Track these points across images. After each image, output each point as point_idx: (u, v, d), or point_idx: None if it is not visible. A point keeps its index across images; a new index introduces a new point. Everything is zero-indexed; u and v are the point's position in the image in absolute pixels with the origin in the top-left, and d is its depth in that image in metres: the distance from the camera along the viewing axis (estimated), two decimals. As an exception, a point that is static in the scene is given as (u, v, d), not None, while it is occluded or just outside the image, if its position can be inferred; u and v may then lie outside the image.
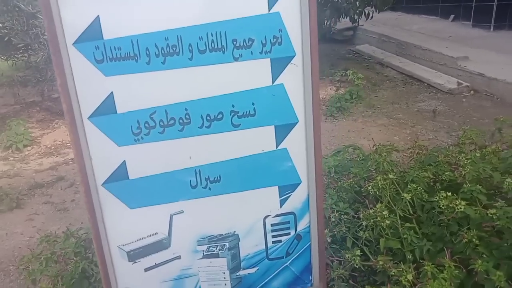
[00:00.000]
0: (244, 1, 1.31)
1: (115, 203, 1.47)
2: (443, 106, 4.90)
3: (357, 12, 6.40)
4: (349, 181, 2.32)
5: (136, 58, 1.32)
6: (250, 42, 1.34)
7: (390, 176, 2.01)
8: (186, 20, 1.31)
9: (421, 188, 1.97)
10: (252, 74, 1.37)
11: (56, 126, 5.27)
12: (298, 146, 1.47)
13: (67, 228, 2.28)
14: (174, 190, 1.48)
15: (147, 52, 1.32)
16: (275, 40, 1.34)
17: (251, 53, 1.35)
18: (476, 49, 6.02)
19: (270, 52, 1.35)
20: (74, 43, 1.30)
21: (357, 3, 6.34)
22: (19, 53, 5.22)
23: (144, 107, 1.38)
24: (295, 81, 1.40)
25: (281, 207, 1.53)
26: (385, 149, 2.36)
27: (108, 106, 1.36)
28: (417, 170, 2.22)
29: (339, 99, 5.15)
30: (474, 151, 2.35)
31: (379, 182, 1.99)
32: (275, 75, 1.38)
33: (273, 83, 1.39)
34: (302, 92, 1.41)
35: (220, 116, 1.40)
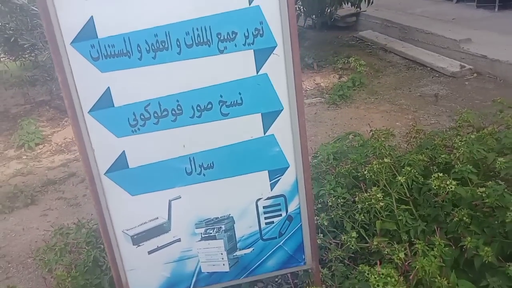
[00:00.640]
0: (226, -5, 1.39)
1: (117, 190, 1.58)
2: (446, 90, 4.89)
3: (358, -3, 6.39)
4: (346, 166, 2.36)
5: (128, 54, 1.42)
6: (234, 35, 1.42)
7: (386, 160, 2.05)
8: (173, 16, 1.40)
9: (416, 171, 2.00)
10: (237, 65, 1.46)
11: (66, 124, 5.39)
12: (284, 131, 1.55)
13: (78, 220, 2.41)
14: (171, 177, 1.58)
15: (139, 48, 1.42)
16: (257, 32, 1.43)
17: (235, 45, 1.43)
18: (479, 30, 5.96)
19: (253, 44, 1.44)
20: (71, 42, 1.40)
21: (358, -12, 6.33)
22: (26, 53, 5.32)
23: (139, 100, 1.48)
24: (278, 70, 1.48)
25: (271, 190, 1.63)
26: (382, 134, 2.40)
27: (106, 100, 1.47)
28: (413, 154, 2.26)
29: (341, 86, 5.17)
30: (471, 133, 2.37)
31: (375, 166, 2.04)
32: (259, 65, 1.46)
33: (257, 73, 1.47)
34: (285, 81, 1.49)
35: (210, 106, 1.50)
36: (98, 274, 2.10)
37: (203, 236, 1.69)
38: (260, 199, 1.64)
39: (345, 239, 1.89)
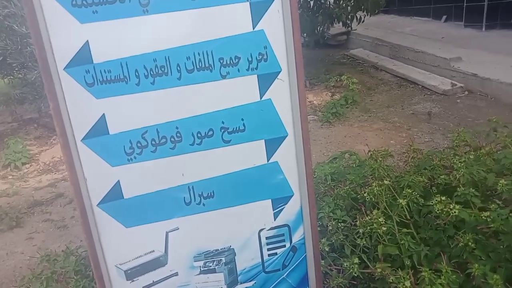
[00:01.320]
0: (229, 20, 1.34)
1: (111, 222, 1.49)
2: (438, 108, 4.92)
3: (349, 17, 6.45)
4: (345, 188, 2.32)
5: (126, 80, 1.35)
6: (237, 60, 1.36)
7: (386, 182, 2.02)
8: (173, 41, 1.34)
9: (417, 193, 1.97)
10: (240, 90, 1.40)
11: (54, 142, 5.28)
12: (288, 158, 1.49)
13: (66, 247, 2.30)
14: (169, 208, 1.49)
15: (137, 73, 1.35)
16: (261, 57, 1.37)
17: (238, 70, 1.38)
18: (468, 49, 6.05)
19: (256, 69, 1.38)
20: (65, 68, 1.33)
21: (349, 8, 6.39)
22: (15, 71, 5.25)
23: (135, 127, 1.40)
24: (282, 95, 1.42)
25: (275, 220, 1.55)
26: (380, 154, 2.38)
27: (100, 128, 1.39)
28: (412, 174, 2.24)
29: (334, 104, 5.17)
30: (468, 153, 2.37)
31: (375, 189, 2.01)
32: (262, 90, 1.41)
33: (261, 98, 1.42)
34: (289, 106, 1.43)
35: (211, 133, 1.43)
36: (88, 306, 2.00)
37: (202, 269, 1.59)
38: (263, 229, 1.56)
39: (347, 265, 1.83)
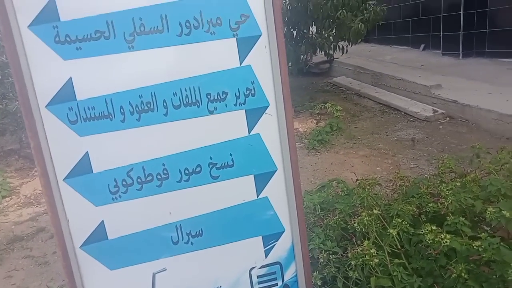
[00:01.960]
0: (216, 55, 1.34)
1: (94, 265, 1.41)
2: (421, 134, 5.00)
3: (331, 46, 6.61)
4: (334, 218, 2.30)
5: (110, 116, 1.32)
6: (224, 95, 1.35)
7: (375, 212, 2.01)
8: (160, 77, 1.32)
9: (406, 222, 1.96)
10: (228, 126, 1.38)
11: (36, 174, 5.13)
12: (278, 193, 1.46)
13: (47, 287, 2.17)
14: (156, 248, 1.43)
15: (122, 110, 1.32)
16: (248, 92, 1.36)
17: (226, 105, 1.36)
18: (447, 76, 6.24)
19: (244, 104, 1.37)
20: (47, 105, 1.29)
21: (331, 38, 6.56)
22: (-5, 102, 5.15)
23: (120, 165, 1.36)
24: (271, 129, 1.41)
25: (266, 258, 1.50)
26: (368, 183, 2.38)
27: (83, 166, 1.34)
28: (401, 203, 2.23)
29: (320, 132, 5.21)
30: (454, 180, 2.39)
31: (365, 218, 1.99)
32: (251, 125, 1.39)
33: (249, 133, 1.40)
34: (278, 140, 1.42)
35: (199, 169, 1.39)
36: None
37: (191, 311, 1.52)
38: (253, 267, 1.50)
39: (340, 301, 1.79)
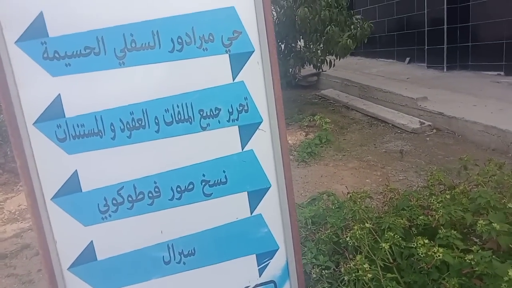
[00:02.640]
0: (209, 72, 1.33)
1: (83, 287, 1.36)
2: (409, 146, 5.05)
3: (319, 60, 6.68)
4: (326, 232, 2.29)
5: (100, 134, 1.29)
6: (217, 111, 1.34)
7: (367, 225, 2.00)
8: (151, 93, 1.30)
9: (398, 236, 1.96)
10: (221, 142, 1.36)
11: (21, 189, 5.00)
12: (272, 210, 1.44)
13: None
14: (147, 268, 1.39)
15: (112, 127, 1.29)
16: (241, 108, 1.35)
17: (219, 122, 1.35)
18: (433, 89, 6.35)
19: (237, 120, 1.36)
20: (34, 123, 1.26)
21: (319, 52, 6.64)
22: (-21, 115, 5.03)
23: (110, 183, 1.32)
24: (264, 145, 1.39)
25: (260, 276, 1.47)
26: (359, 196, 2.38)
27: (72, 185, 1.30)
28: (391, 216, 2.23)
29: (309, 144, 5.21)
30: (443, 192, 2.40)
31: (357, 232, 1.98)
32: (244, 141, 1.37)
33: (242, 149, 1.38)
34: (272, 156, 1.40)
35: (191, 186, 1.37)
36: None
37: (183, 333, 1.47)
38: (247, 287, 1.47)
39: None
